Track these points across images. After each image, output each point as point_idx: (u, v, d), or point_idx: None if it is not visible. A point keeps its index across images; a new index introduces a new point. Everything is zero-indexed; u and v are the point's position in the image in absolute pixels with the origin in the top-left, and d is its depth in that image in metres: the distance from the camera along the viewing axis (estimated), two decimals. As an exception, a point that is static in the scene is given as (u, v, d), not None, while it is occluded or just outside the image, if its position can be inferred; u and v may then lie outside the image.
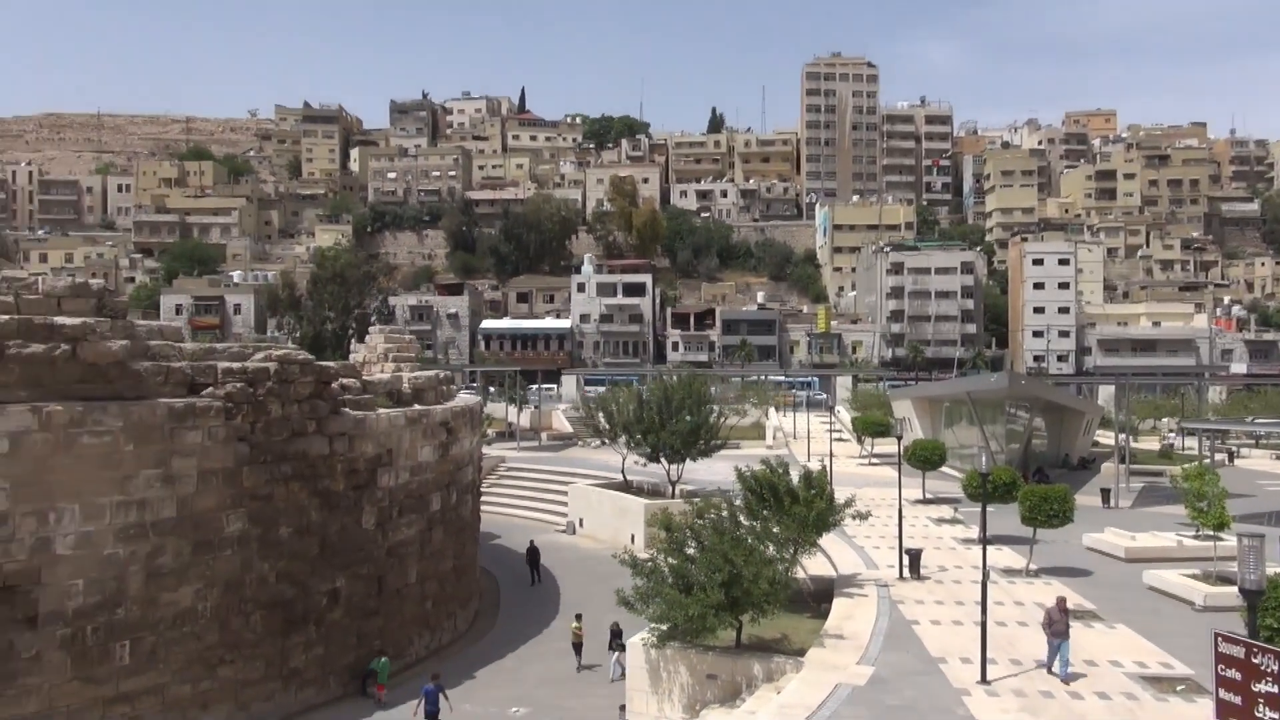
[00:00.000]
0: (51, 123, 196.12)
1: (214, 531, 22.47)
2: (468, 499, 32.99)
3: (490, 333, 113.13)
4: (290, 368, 24.39)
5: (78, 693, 20.08)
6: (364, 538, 26.12)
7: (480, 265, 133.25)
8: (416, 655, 28.21)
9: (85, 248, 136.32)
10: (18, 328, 20.11)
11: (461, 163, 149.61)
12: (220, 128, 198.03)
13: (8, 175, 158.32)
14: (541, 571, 38.17)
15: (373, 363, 38.18)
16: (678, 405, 43.21)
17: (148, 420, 21.26)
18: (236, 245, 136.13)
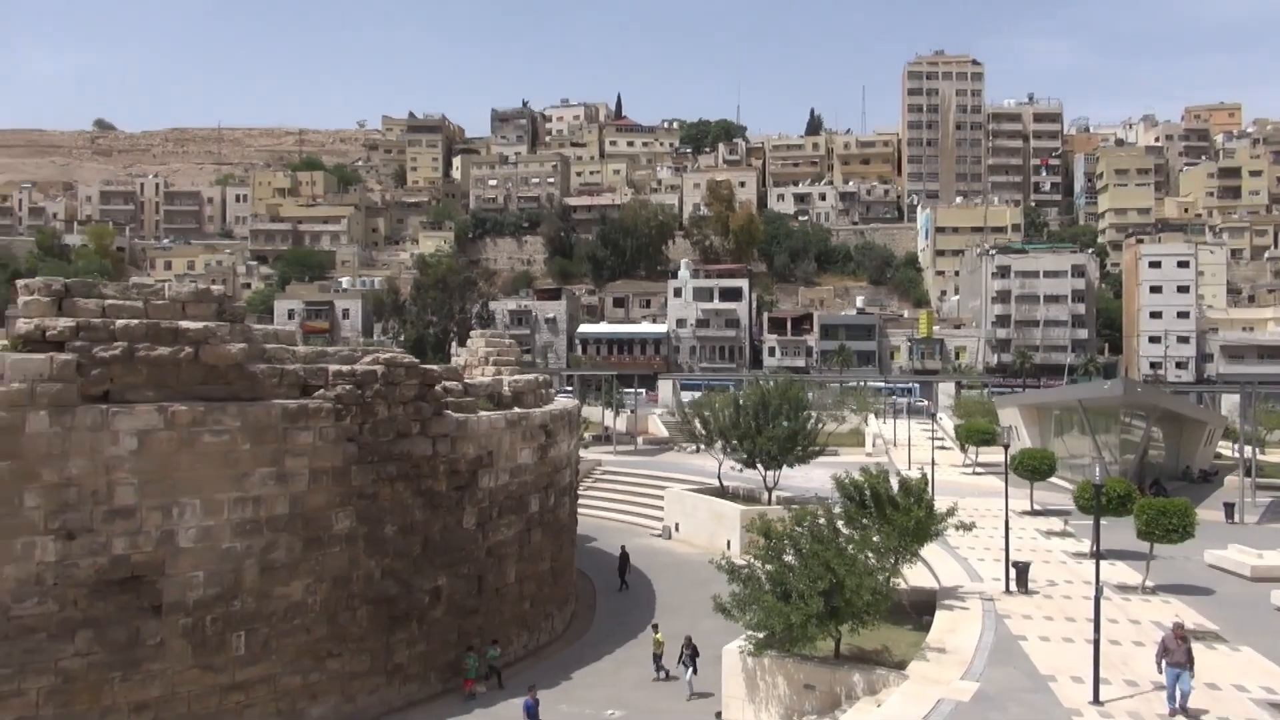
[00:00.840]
0: (176, 137, 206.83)
1: (323, 528, 23.26)
2: (565, 501, 33.34)
3: (587, 337, 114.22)
4: (396, 370, 25.09)
5: (197, 680, 21.05)
6: (465, 537, 26.67)
7: (578, 270, 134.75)
8: (515, 654, 28.63)
9: (206, 255, 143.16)
10: (146, 331, 21.22)
11: (560, 169, 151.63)
12: (330, 139, 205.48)
13: (137, 187, 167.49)
14: (631, 577, 38.25)
15: (474, 366, 38.98)
16: (774, 411, 42.82)
17: (263, 420, 22.17)
18: (345, 252, 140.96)
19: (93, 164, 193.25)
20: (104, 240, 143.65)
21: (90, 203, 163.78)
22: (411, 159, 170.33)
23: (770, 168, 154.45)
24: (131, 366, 20.81)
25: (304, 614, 22.78)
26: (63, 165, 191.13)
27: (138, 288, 23.18)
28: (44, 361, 19.80)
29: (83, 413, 19.99)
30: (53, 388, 19.75)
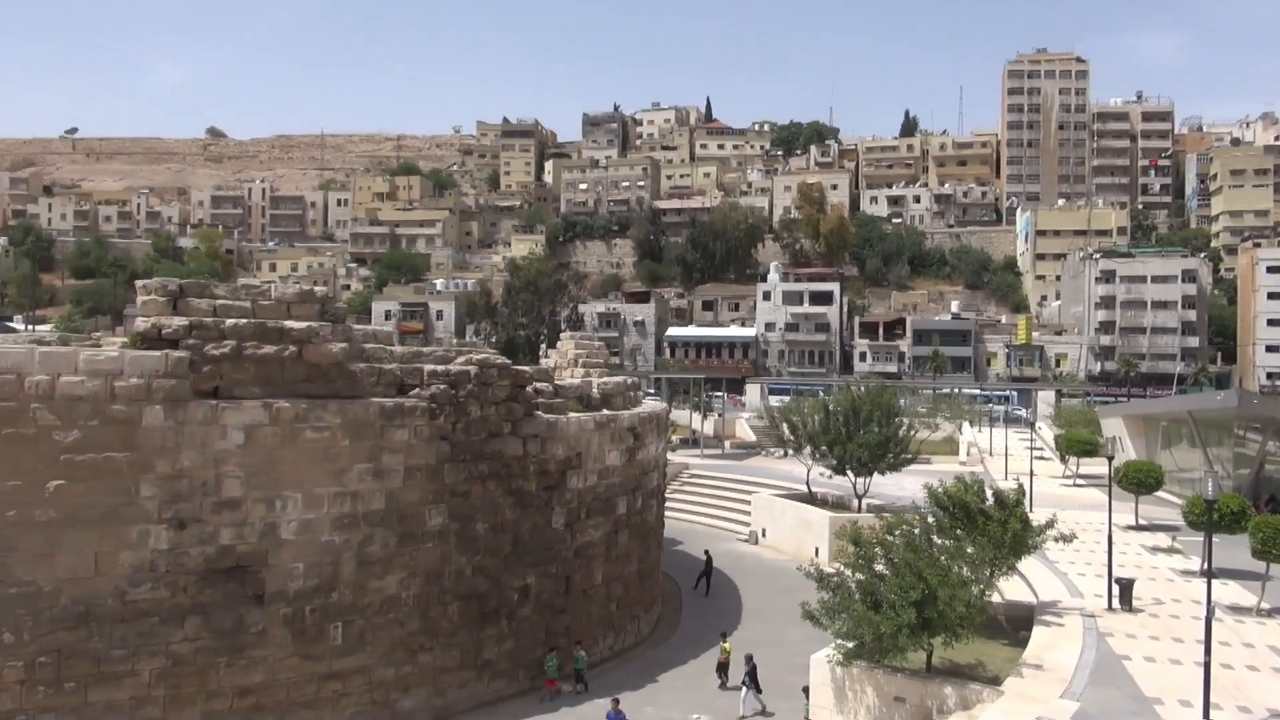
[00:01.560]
0: (282, 144, 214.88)
1: (417, 524, 23.81)
2: (652, 504, 33.40)
3: (675, 340, 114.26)
4: (489, 371, 25.54)
5: (296, 668, 21.78)
6: (553, 537, 26.95)
7: (667, 273, 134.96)
8: (600, 655, 28.79)
9: (308, 258, 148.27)
10: (254, 330, 22.08)
11: (650, 172, 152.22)
12: (427, 144, 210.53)
13: (245, 192, 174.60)
14: (717, 581, 38.02)
15: (563, 368, 39.38)
16: (865, 417, 42.13)
17: (362, 418, 22.82)
18: (440, 255, 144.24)
19: (205, 170, 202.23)
20: (214, 243, 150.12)
21: (202, 207, 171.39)
22: (505, 163, 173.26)
23: (863, 170, 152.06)
24: (239, 364, 21.67)
25: (398, 608, 23.35)
26: (178, 171, 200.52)
27: (246, 288, 24.14)
28: (160, 358, 20.78)
29: (194, 407, 20.90)
30: (167, 383, 20.70)
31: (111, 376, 20.30)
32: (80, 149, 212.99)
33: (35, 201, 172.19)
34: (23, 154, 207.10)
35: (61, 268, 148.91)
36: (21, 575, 19.41)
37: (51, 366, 20.00)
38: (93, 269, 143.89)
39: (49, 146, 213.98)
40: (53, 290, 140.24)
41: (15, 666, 19.27)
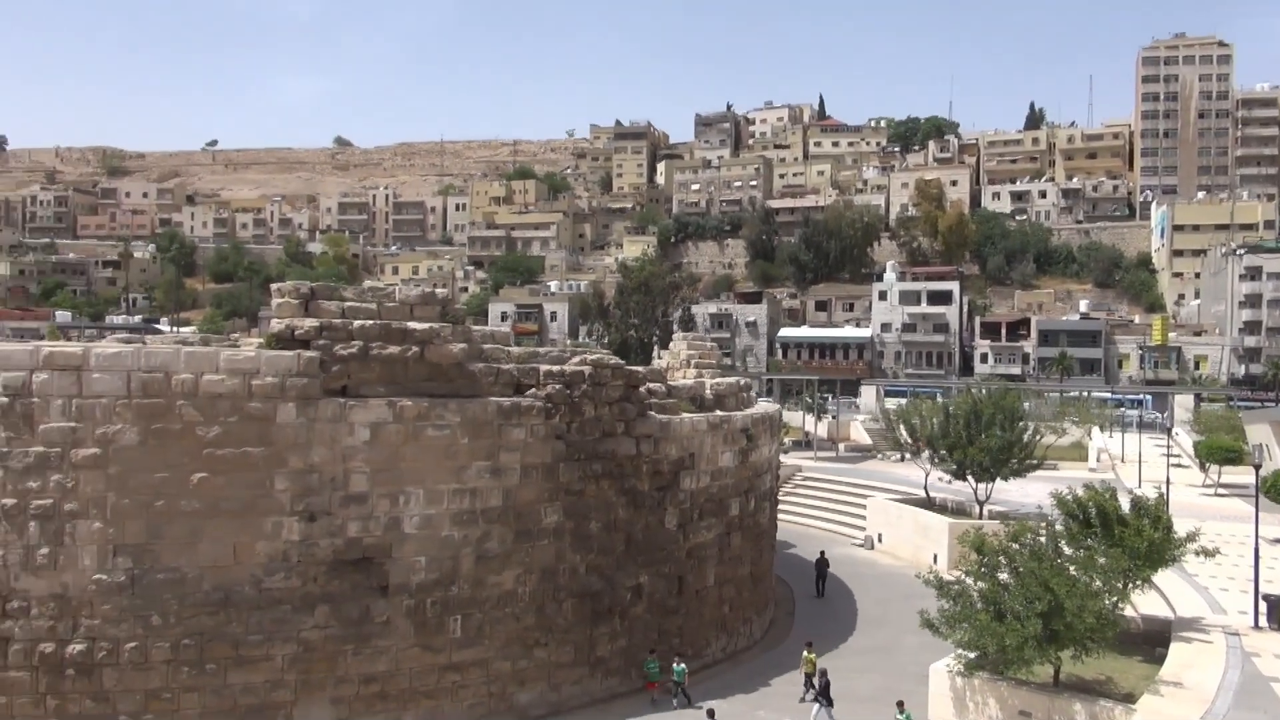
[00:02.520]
0: (404, 151, 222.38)
1: (533, 522, 24.24)
2: (765, 506, 33.12)
3: (788, 341, 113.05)
4: (603, 372, 25.79)
5: (418, 658, 22.47)
6: (666, 538, 27.02)
7: (779, 273, 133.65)
8: (713, 657, 28.72)
9: (428, 261, 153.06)
10: (379, 331, 22.90)
11: (762, 172, 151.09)
12: (542, 148, 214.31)
13: (369, 199, 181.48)
14: (831, 586, 37.45)
15: (675, 369, 39.42)
16: (987, 420, 40.77)
17: (480, 417, 23.38)
18: (554, 257, 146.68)
19: (332, 178, 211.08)
20: (341, 248, 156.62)
21: (330, 213, 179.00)
22: (617, 165, 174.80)
23: (985, 165, 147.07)
24: (366, 363, 22.51)
25: (514, 603, 23.82)
26: (307, 180, 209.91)
27: (372, 291, 25.06)
28: (293, 358, 21.78)
29: (324, 405, 21.82)
30: (299, 382, 21.68)
31: (249, 375, 21.38)
32: (220, 160, 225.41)
33: (179, 210, 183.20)
34: (169, 166, 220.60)
35: (202, 273, 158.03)
36: (168, 561, 20.66)
37: (195, 366, 21.21)
38: (230, 273, 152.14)
39: (192, 159, 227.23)
40: (195, 294, 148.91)
41: (162, 647, 20.52)
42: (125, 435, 20.58)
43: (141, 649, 20.43)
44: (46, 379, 20.57)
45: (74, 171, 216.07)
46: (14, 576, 20.28)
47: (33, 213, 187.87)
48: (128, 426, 20.61)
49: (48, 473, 20.38)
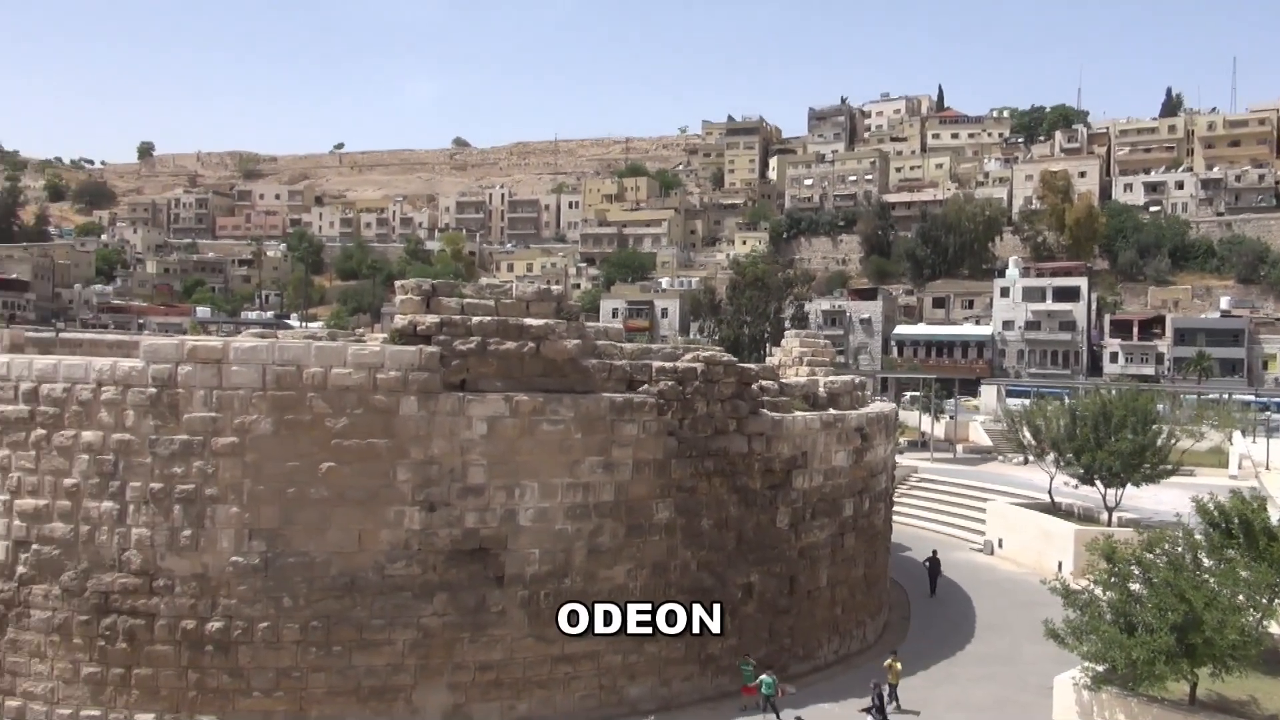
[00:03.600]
0: (519, 151, 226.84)
1: (645, 517, 24.37)
2: (880, 507, 32.44)
3: (904, 339, 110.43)
4: (715, 368, 25.72)
5: (531, 648, 22.90)
6: (778, 536, 26.76)
7: (895, 270, 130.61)
8: (825, 659, 28.32)
9: (542, 258, 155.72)
10: (496, 327, 23.42)
11: (878, 166, 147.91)
12: (654, 145, 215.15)
13: (486, 197, 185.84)
14: (948, 592, 36.52)
15: (788, 366, 38.99)
16: (1118, 423, 38.90)
17: (594, 412, 23.64)
18: (665, 254, 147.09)
19: (451, 178, 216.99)
20: (458, 246, 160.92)
21: (448, 212, 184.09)
22: (729, 161, 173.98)
23: (1116, 155, 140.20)
24: (483, 359, 23.05)
25: (625, 597, 23.99)
26: (427, 180, 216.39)
27: (490, 288, 25.63)
28: (415, 353, 22.49)
29: (444, 399, 22.45)
30: (421, 376, 22.37)
31: (374, 369, 22.18)
32: (346, 162, 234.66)
33: (308, 211, 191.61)
34: (299, 169, 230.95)
35: (329, 270, 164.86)
36: (299, 546, 21.64)
37: (324, 360, 22.14)
38: (355, 271, 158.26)
39: (320, 161, 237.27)
40: (322, 291, 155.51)
41: (292, 627, 21.52)
42: (260, 425, 21.65)
43: (273, 628, 21.48)
44: (190, 371, 21.82)
45: (213, 175, 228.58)
46: (160, 556, 21.61)
47: (176, 214, 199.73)
48: (263, 417, 21.67)
49: (191, 459, 21.62)
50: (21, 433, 22.39)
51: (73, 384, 22.24)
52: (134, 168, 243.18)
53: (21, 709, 22.02)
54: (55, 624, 21.90)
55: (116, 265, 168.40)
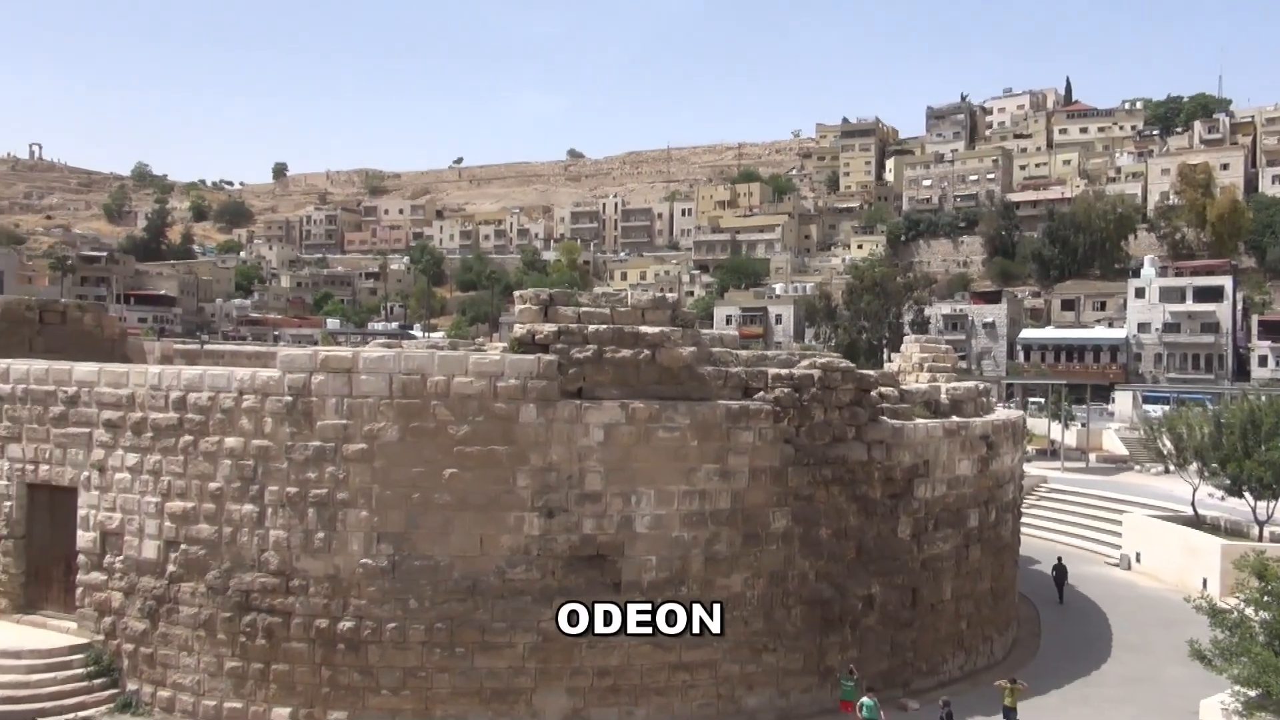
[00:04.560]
0: (632, 160, 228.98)
1: (761, 526, 24.13)
2: (1007, 518, 31.25)
3: (1030, 343, 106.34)
4: (832, 375, 25.29)
5: (649, 655, 22.93)
6: (899, 547, 26.10)
7: (1020, 271, 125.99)
8: (950, 675, 27.43)
9: (655, 266, 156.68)
10: (612, 335, 23.62)
11: (1001, 164, 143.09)
12: (766, 150, 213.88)
13: (599, 207, 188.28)
14: (1083, 608, 35.05)
15: (907, 372, 38.03)
16: (1269, 431, 36.46)
17: (709, 419, 23.58)
18: (779, 259, 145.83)
19: (565, 189, 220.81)
20: (573, 255, 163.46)
21: (563, 223, 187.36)
22: (844, 164, 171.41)
23: (1262, 144, 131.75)
24: (600, 366, 23.29)
25: (742, 606, 23.80)
26: (542, 191, 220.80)
27: (606, 296, 25.89)
28: (533, 361, 22.91)
29: (561, 406, 22.78)
30: (539, 384, 22.76)
31: (494, 377, 22.69)
32: (465, 176, 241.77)
33: (430, 224, 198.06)
34: (420, 184, 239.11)
35: (450, 282, 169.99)
36: (424, 550, 22.30)
37: (447, 368, 22.78)
38: (474, 282, 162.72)
39: (440, 176, 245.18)
40: (443, 301, 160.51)
41: (418, 629, 22.17)
42: (388, 432, 22.42)
43: (400, 629, 22.19)
44: (323, 380, 22.79)
45: (342, 193, 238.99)
46: (295, 557, 22.62)
47: (308, 231, 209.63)
48: (390, 424, 22.44)
49: (323, 465, 22.57)
50: (171, 439, 23.81)
51: (216, 393, 23.53)
52: (269, 188, 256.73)
53: (172, 699, 23.39)
54: (201, 620, 23.19)
55: (254, 280, 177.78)
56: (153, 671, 23.70)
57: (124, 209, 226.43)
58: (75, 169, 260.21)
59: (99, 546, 24.63)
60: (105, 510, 24.59)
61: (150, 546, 23.89)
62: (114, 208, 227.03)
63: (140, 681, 23.80)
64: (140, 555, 23.99)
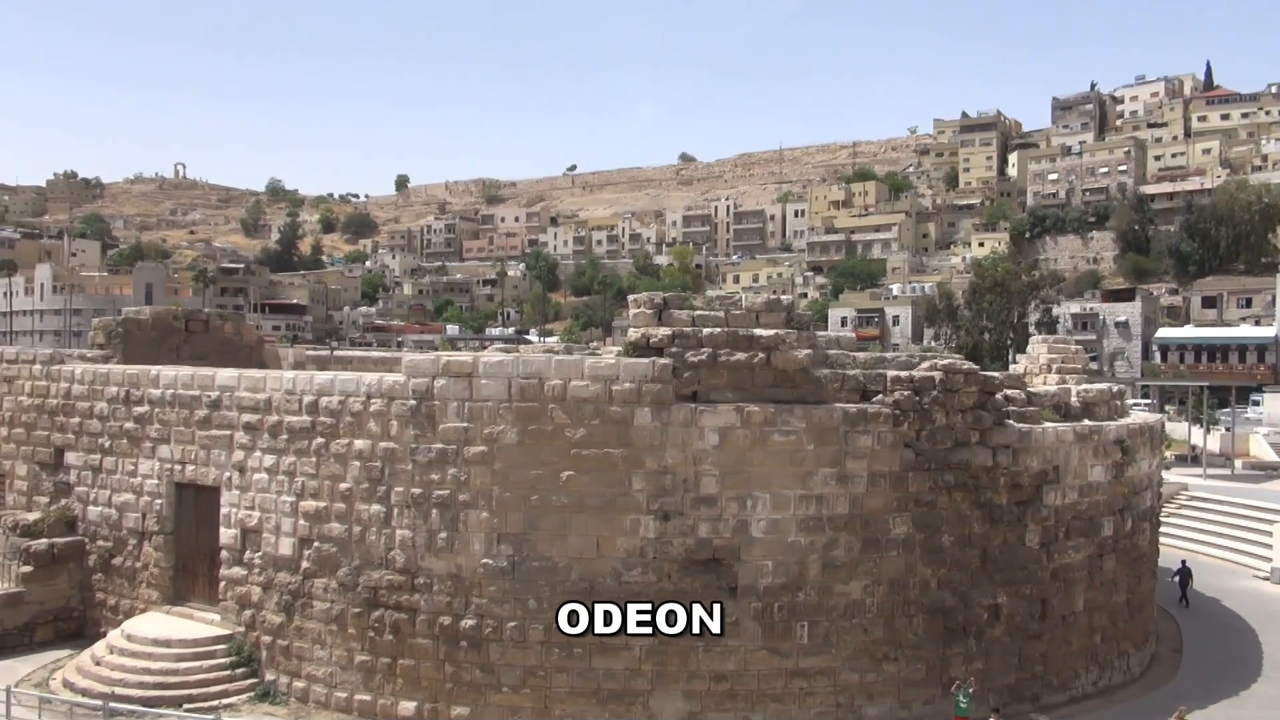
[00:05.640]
0: (744, 162, 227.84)
1: (881, 532, 23.61)
2: (1144, 527, 29.67)
3: (1167, 342, 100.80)
4: (955, 377, 24.55)
5: (765, 661, 22.73)
6: (1027, 556, 25.10)
7: (1155, 267, 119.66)
8: (1082, 690, 26.21)
9: (767, 268, 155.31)
10: (726, 338, 23.54)
11: (1133, 155, 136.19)
12: (882, 148, 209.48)
13: (711, 210, 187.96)
14: (1232, 625, 33.12)
15: (1034, 374, 36.59)
16: None
17: (826, 423, 23.22)
18: (895, 259, 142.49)
19: (677, 193, 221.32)
20: (685, 259, 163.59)
21: (675, 227, 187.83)
22: (964, 160, 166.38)
23: None
24: (714, 370, 23.23)
25: (862, 614, 23.33)
26: (654, 196, 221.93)
27: (720, 299, 25.79)
28: (648, 365, 23.02)
29: (676, 410, 22.82)
30: (654, 388, 22.86)
31: (610, 381, 22.91)
32: (578, 183, 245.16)
33: (544, 231, 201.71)
34: (535, 191, 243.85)
35: (564, 287, 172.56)
36: (542, 551, 22.69)
37: (564, 372, 23.13)
38: (587, 287, 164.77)
39: (554, 184, 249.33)
40: (557, 307, 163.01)
41: (538, 628, 22.57)
42: (507, 435, 22.92)
43: (520, 628, 22.62)
44: (445, 384, 23.47)
45: (460, 202, 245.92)
46: (420, 556, 23.35)
47: (428, 240, 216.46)
48: (509, 427, 22.93)
49: (446, 467, 23.23)
50: (305, 440, 24.94)
51: (346, 397, 24.53)
52: (392, 199, 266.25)
53: (306, 689, 24.47)
54: (333, 614, 24.19)
55: (378, 288, 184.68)
56: (289, 663, 24.85)
57: (259, 223, 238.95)
58: (215, 186, 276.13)
59: (240, 543, 26.00)
60: (245, 509, 25.94)
61: (286, 544, 25.07)
62: (250, 222, 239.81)
63: (278, 672, 24.99)
64: (277, 552, 25.21)
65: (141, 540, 28.44)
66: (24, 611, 28.65)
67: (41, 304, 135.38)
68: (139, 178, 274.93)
